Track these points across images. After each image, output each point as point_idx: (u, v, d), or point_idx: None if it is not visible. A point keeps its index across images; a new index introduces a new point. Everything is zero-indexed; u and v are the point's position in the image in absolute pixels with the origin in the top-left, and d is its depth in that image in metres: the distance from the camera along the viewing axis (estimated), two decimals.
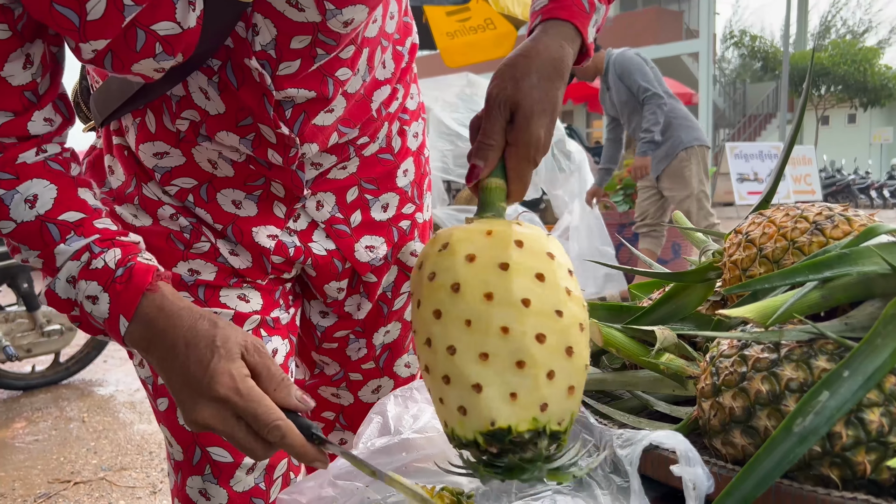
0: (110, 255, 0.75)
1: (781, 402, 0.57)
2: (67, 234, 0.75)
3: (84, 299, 0.74)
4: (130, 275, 0.74)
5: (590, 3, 0.80)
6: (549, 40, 0.76)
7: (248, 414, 0.66)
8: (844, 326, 0.60)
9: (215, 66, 0.78)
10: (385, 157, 1.00)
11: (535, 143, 0.70)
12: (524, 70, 0.72)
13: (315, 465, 0.68)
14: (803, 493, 0.53)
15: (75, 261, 0.74)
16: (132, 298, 0.73)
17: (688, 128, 4.48)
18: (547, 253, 0.59)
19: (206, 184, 0.89)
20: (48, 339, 3.91)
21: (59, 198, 0.76)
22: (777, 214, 0.76)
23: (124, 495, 2.64)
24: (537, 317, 0.56)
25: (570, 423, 0.57)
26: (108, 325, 0.74)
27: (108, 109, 0.85)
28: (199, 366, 0.68)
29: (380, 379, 1.12)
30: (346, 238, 0.97)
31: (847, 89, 24.25)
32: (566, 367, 0.56)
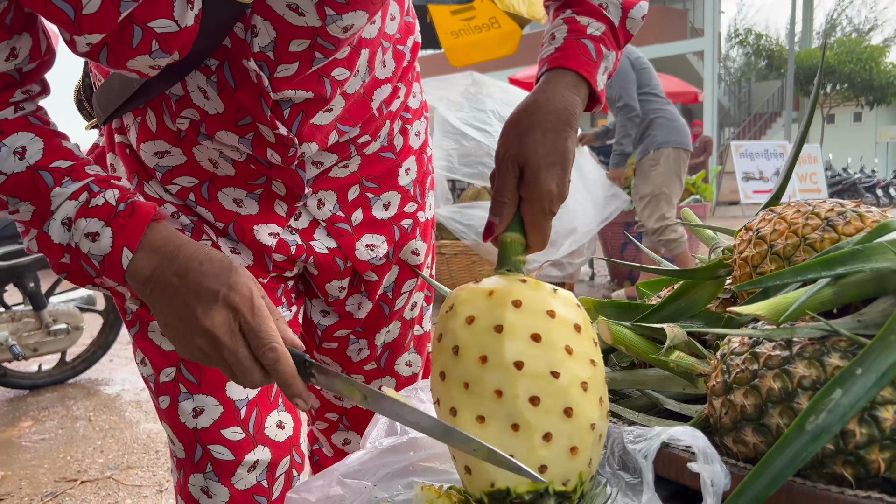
0: (110, 194, 0.75)
1: (794, 399, 0.56)
2: (62, 179, 0.74)
3: (82, 238, 0.74)
4: (133, 209, 0.74)
5: (597, 50, 0.80)
6: (551, 91, 0.77)
7: (252, 329, 0.68)
8: (857, 323, 0.59)
9: (213, 65, 0.77)
10: (387, 155, 0.99)
11: (548, 196, 0.71)
12: (527, 125, 0.74)
13: (296, 402, 0.68)
14: (816, 491, 0.53)
15: (73, 200, 0.74)
16: (137, 229, 0.73)
17: (668, 129, 4.52)
18: (547, 311, 0.58)
19: (206, 182, 0.89)
20: (54, 339, 3.91)
21: (46, 148, 0.75)
22: (788, 211, 0.75)
23: (131, 494, 2.64)
24: (531, 379, 0.56)
25: (579, 482, 0.57)
26: (108, 261, 0.73)
27: (110, 107, 0.85)
28: (216, 278, 0.69)
29: (381, 379, 1.12)
30: (348, 236, 0.97)
31: (853, 88, 24.17)
32: (564, 429, 0.56)
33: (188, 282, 0.70)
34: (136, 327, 0.92)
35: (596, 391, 0.58)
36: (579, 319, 0.60)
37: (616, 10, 0.83)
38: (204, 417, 0.89)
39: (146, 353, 0.92)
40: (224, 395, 0.90)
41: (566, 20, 0.82)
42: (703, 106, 18.62)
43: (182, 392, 0.90)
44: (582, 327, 0.60)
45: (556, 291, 0.61)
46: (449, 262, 5.21)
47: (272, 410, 0.93)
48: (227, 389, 0.90)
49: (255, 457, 0.90)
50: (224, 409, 0.90)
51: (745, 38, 27.82)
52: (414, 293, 1.10)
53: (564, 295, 0.61)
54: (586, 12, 0.82)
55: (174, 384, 0.90)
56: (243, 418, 0.90)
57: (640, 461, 0.56)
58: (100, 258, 0.73)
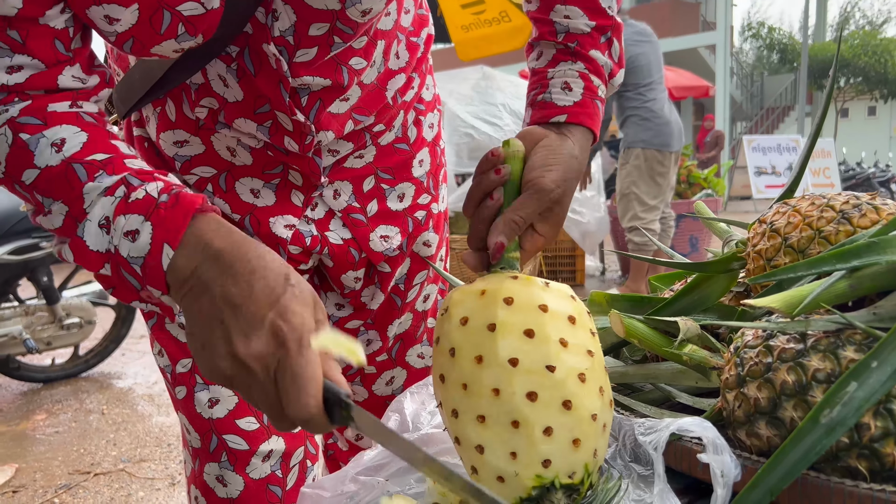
0: (152, 186, 0.65)
1: (808, 392, 0.56)
2: (96, 173, 0.65)
3: (121, 240, 0.63)
4: (178, 199, 0.64)
5: (600, 110, 0.85)
6: (581, 145, 0.80)
7: (290, 373, 0.56)
8: (873, 316, 0.59)
9: (233, 52, 0.78)
10: (401, 146, 1.00)
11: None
12: (574, 172, 0.76)
13: None
14: (830, 485, 0.53)
15: (109, 196, 0.64)
16: (180, 221, 0.62)
17: (640, 128, 4.51)
18: (539, 306, 0.58)
19: (224, 172, 0.90)
20: (67, 333, 3.95)
21: (88, 142, 0.67)
22: (802, 204, 0.74)
23: (143, 486, 2.66)
24: (526, 375, 0.56)
25: (585, 474, 0.57)
26: (149, 262, 0.62)
27: (130, 101, 0.85)
28: (266, 298, 0.58)
29: (393, 370, 1.12)
30: (362, 227, 0.97)
31: (867, 81, 23.96)
32: (565, 422, 0.56)
33: (230, 293, 0.58)
34: (153, 319, 0.93)
35: (595, 381, 0.58)
36: (573, 311, 0.60)
37: (608, 70, 0.87)
38: (219, 408, 0.90)
39: (163, 344, 0.93)
40: None
41: (581, 76, 0.84)
42: (716, 100, 18.52)
43: (198, 382, 0.91)
44: (577, 318, 0.59)
45: (549, 285, 0.61)
46: (458, 255, 5.21)
47: None
48: None
49: (269, 447, 0.91)
50: (239, 399, 0.91)
51: (757, 31, 27.63)
52: (426, 285, 1.10)
53: (557, 288, 0.61)
54: (596, 72, 0.85)
55: (190, 375, 0.91)
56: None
57: (651, 452, 0.56)
58: (140, 260, 0.63)
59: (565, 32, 0.86)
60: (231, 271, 0.59)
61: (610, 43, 0.87)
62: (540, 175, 0.72)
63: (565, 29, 0.86)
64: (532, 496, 0.56)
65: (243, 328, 0.57)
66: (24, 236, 3.64)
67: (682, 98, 16.59)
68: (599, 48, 0.85)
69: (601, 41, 0.86)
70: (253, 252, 0.61)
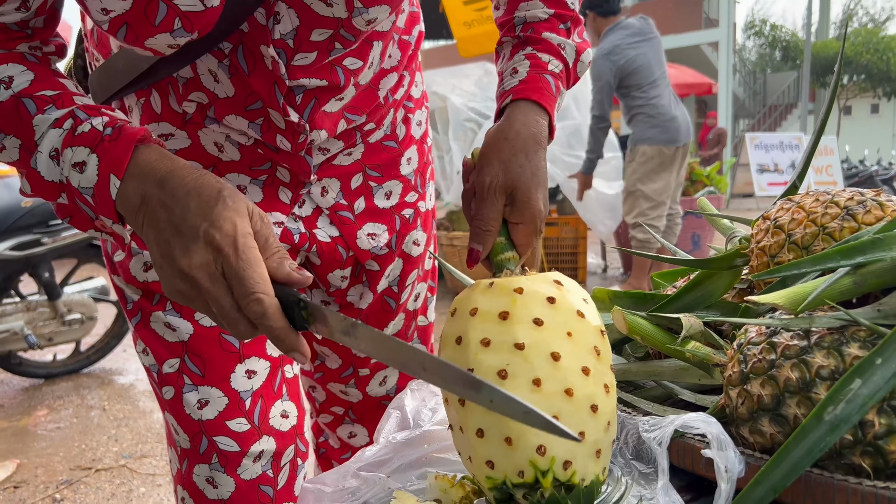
0: (97, 120, 0.68)
1: (812, 389, 0.56)
2: (45, 106, 0.68)
3: (70, 171, 0.66)
4: (120, 132, 0.66)
5: (556, 86, 0.86)
6: (524, 117, 0.80)
7: (235, 274, 0.59)
8: (877, 313, 0.58)
9: (226, 49, 0.77)
10: (389, 144, 1.00)
11: (539, 216, 0.75)
12: (510, 152, 0.76)
13: (293, 355, 0.60)
14: (834, 482, 0.52)
15: (57, 129, 0.67)
16: (123, 151, 0.65)
17: (646, 125, 4.56)
18: (533, 320, 0.57)
19: (211, 168, 0.89)
20: (69, 329, 3.95)
21: (35, 79, 0.69)
22: (807, 200, 0.74)
23: (145, 482, 2.66)
24: (536, 360, 0.56)
25: (573, 473, 0.55)
26: (98, 194, 0.66)
27: (111, 89, 0.84)
28: (200, 212, 0.61)
29: (386, 370, 1.12)
30: (350, 225, 0.97)
31: (870, 79, 23.91)
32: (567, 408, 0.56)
33: (172, 214, 0.62)
34: (137, 317, 0.92)
35: (600, 377, 0.58)
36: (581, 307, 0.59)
37: (571, 51, 0.89)
38: (209, 409, 0.89)
39: (147, 343, 0.91)
40: (229, 386, 0.90)
41: (528, 56, 0.86)
42: (718, 97, 18.49)
43: (186, 383, 0.90)
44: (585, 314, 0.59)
45: (561, 284, 0.60)
46: (461, 253, 5.20)
47: (276, 400, 0.93)
48: (231, 381, 0.90)
49: (260, 447, 0.91)
50: (229, 400, 0.90)
51: (760, 28, 27.58)
52: (417, 284, 1.10)
53: (544, 291, 0.60)
54: (546, 50, 0.87)
55: (178, 375, 0.90)
56: (248, 409, 0.90)
57: (655, 448, 0.56)
58: (90, 191, 0.66)
59: (522, 23, 0.89)
60: (172, 195, 0.63)
61: (570, 31, 0.89)
62: (477, 174, 0.75)
63: (522, 20, 0.89)
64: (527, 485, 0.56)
65: (184, 244, 0.61)
66: (25, 232, 3.64)
67: (685, 95, 16.56)
68: (557, 32, 0.88)
69: (560, 27, 0.88)
70: (190, 175, 0.64)
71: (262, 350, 0.93)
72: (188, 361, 0.90)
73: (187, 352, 0.90)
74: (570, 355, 0.56)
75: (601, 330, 0.59)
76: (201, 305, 0.62)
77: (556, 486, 0.55)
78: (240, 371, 0.91)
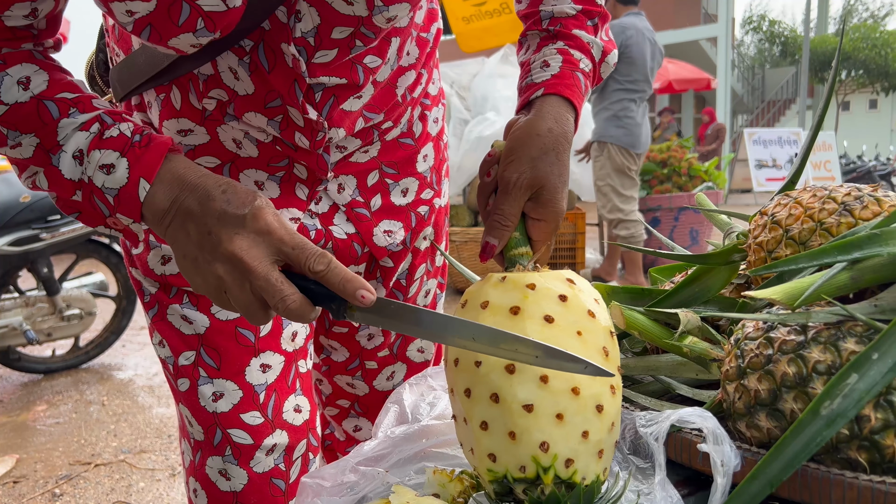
0: (125, 126, 0.72)
1: (808, 384, 0.56)
2: (69, 109, 0.71)
3: (96, 171, 0.70)
4: (150, 139, 0.71)
5: (585, 85, 0.85)
6: (556, 114, 0.79)
7: (293, 243, 0.64)
8: (874, 308, 0.59)
9: (247, 46, 0.77)
10: (406, 141, 1.00)
11: (561, 215, 0.74)
12: (540, 150, 0.75)
13: (361, 294, 0.62)
14: (830, 476, 0.53)
15: (84, 132, 0.71)
16: (155, 159, 0.70)
17: (614, 125, 4.72)
18: (544, 317, 0.57)
19: (228, 163, 0.89)
20: (68, 324, 3.95)
21: (50, 80, 0.72)
22: (804, 196, 0.74)
23: (144, 477, 2.67)
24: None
25: (573, 471, 0.56)
26: (124, 194, 0.70)
27: (131, 84, 0.84)
28: (241, 205, 0.66)
29: (394, 365, 1.12)
30: (366, 222, 0.97)
31: (868, 74, 23.91)
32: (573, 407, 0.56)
33: (210, 208, 0.66)
34: (154, 309, 0.93)
35: (607, 378, 0.58)
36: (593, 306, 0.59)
37: (598, 50, 0.88)
38: (223, 402, 0.90)
39: (164, 335, 0.92)
40: (244, 379, 0.91)
41: (560, 51, 0.85)
42: (717, 93, 18.47)
43: (202, 376, 0.91)
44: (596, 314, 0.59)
45: (573, 283, 0.60)
46: (459, 249, 5.21)
47: (290, 395, 0.94)
48: (246, 374, 0.91)
49: (273, 441, 0.91)
50: (244, 393, 0.91)
51: (759, 24, 27.56)
52: (427, 280, 1.10)
53: (581, 284, 0.61)
54: (578, 48, 0.86)
55: (194, 368, 0.91)
56: (262, 403, 0.91)
57: (652, 443, 0.56)
58: (115, 192, 0.70)
59: (549, 17, 0.87)
60: (208, 195, 0.67)
61: (597, 28, 0.88)
62: (503, 169, 0.74)
63: (549, 14, 0.87)
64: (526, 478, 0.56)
65: (227, 231, 0.65)
66: (24, 227, 3.64)
67: (684, 91, 16.56)
68: (585, 29, 0.87)
69: (587, 24, 0.87)
70: (222, 178, 0.69)
71: (277, 344, 0.94)
72: (204, 354, 0.90)
73: (203, 345, 0.90)
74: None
75: (611, 331, 0.60)
76: (237, 291, 0.65)
77: (557, 484, 0.55)
78: (255, 365, 0.91)
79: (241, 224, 0.65)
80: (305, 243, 0.64)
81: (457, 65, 5.96)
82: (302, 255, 0.64)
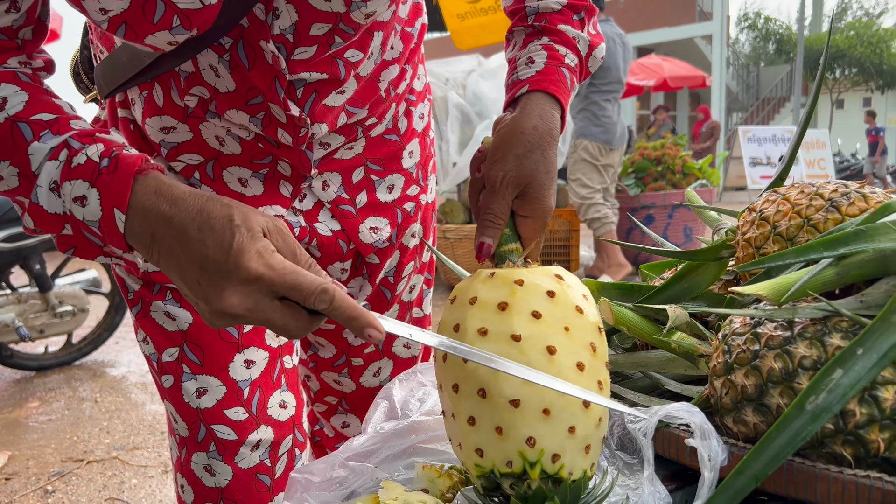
0: (92, 150, 0.67)
1: (794, 379, 0.56)
2: (41, 132, 0.67)
3: (72, 205, 0.66)
4: (117, 163, 0.65)
5: (571, 80, 0.85)
6: (540, 111, 0.79)
7: (286, 285, 0.59)
8: (859, 304, 0.59)
9: (227, 44, 0.77)
10: (391, 137, 0.99)
11: (549, 211, 0.74)
12: (525, 147, 0.75)
13: (368, 332, 0.59)
14: (816, 471, 0.53)
15: (53, 160, 0.66)
16: (123, 185, 0.64)
17: (592, 123, 5.13)
18: (532, 312, 0.57)
19: (212, 161, 0.89)
20: (60, 321, 3.94)
21: (30, 101, 0.68)
22: (792, 192, 0.74)
23: (136, 474, 2.67)
24: (532, 352, 0.56)
25: (561, 465, 0.56)
26: (104, 227, 0.65)
27: (115, 82, 0.84)
28: (220, 249, 0.60)
29: (380, 361, 1.12)
30: (352, 219, 0.97)
31: (863, 72, 23.97)
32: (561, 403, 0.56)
33: (191, 255, 0.61)
34: (137, 306, 0.92)
35: (595, 374, 0.58)
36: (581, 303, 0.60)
37: (585, 45, 0.88)
38: (207, 398, 0.90)
39: (148, 332, 0.92)
40: (227, 375, 0.90)
41: (545, 47, 0.85)
42: (711, 90, 18.51)
43: (185, 372, 0.90)
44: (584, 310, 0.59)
45: (562, 279, 0.60)
46: (453, 246, 5.21)
47: (275, 390, 0.94)
48: (230, 370, 0.91)
49: (258, 436, 0.91)
50: (227, 389, 0.90)
51: (754, 21, 27.60)
52: (413, 276, 1.10)
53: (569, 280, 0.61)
54: (563, 43, 0.86)
55: (177, 364, 0.91)
56: (246, 399, 0.91)
57: (640, 439, 0.56)
58: (96, 224, 0.65)
59: (535, 13, 0.87)
60: (184, 234, 0.61)
61: (584, 22, 0.88)
62: (489, 167, 0.74)
63: (535, 10, 0.88)
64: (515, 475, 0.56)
65: (213, 290, 0.60)
66: (16, 224, 3.63)
67: (678, 88, 16.56)
68: (571, 24, 0.87)
69: (573, 18, 0.87)
70: (195, 206, 0.63)
71: (261, 340, 0.93)
72: (187, 350, 0.90)
73: (186, 341, 0.90)
74: (566, 350, 0.56)
75: (599, 327, 0.60)
76: (250, 323, 0.62)
77: (544, 479, 0.55)
78: (238, 361, 0.91)
79: (225, 276, 0.59)
80: (300, 283, 0.59)
81: (450, 61, 5.95)
82: (299, 296, 0.59)
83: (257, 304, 0.59)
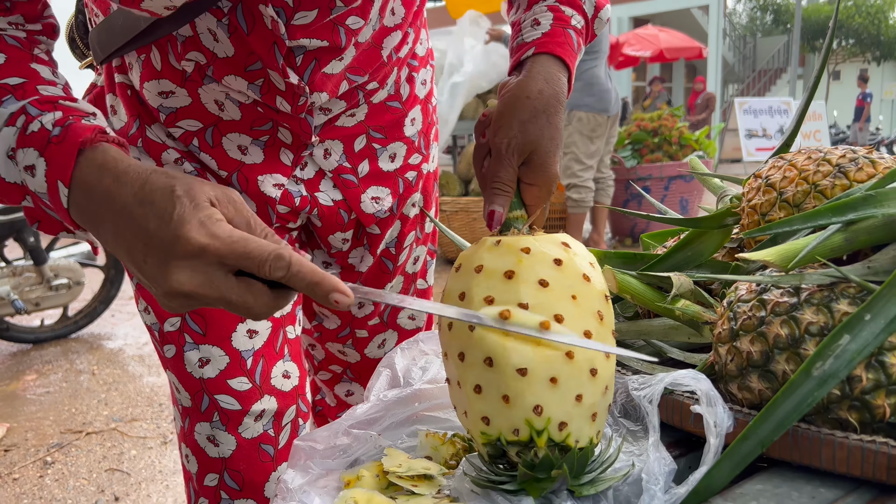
0: (48, 118, 0.63)
1: (801, 346, 0.56)
2: (4, 97, 0.63)
3: (24, 175, 0.62)
4: (66, 133, 0.61)
5: (577, 42, 0.82)
6: (546, 74, 0.77)
7: (235, 255, 0.54)
8: (867, 270, 0.58)
9: (225, 7, 0.75)
10: (393, 104, 0.98)
11: (554, 179, 0.73)
12: (530, 113, 0.73)
13: (334, 297, 0.54)
14: (821, 436, 0.53)
15: (11, 126, 0.62)
16: (67, 157, 0.60)
17: (585, 94, 4.95)
18: (539, 280, 0.56)
19: (211, 127, 0.87)
20: (56, 294, 3.93)
21: (5, 65, 0.65)
22: (799, 158, 0.74)
23: (136, 445, 2.68)
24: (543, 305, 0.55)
25: (567, 433, 0.56)
26: (52, 200, 0.61)
27: (111, 46, 0.82)
28: (161, 222, 0.55)
29: (384, 333, 1.12)
30: (354, 188, 0.96)
31: (860, 43, 23.83)
32: (567, 370, 0.56)
33: (134, 232, 0.57)
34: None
35: (602, 342, 0.58)
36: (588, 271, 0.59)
37: (591, 6, 0.86)
38: (210, 367, 0.90)
39: (149, 301, 0.91)
40: (230, 345, 0.90)
41: (550, 8, 0.83)
42: (708, 62, 18.39)
43: (188, 342, 0.90)
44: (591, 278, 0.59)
45: (568, 247, 0.60)
46: (450, 218, 5.20)
47: (278, 360, 0.94)
48: (232, 340, 0.90)
49: (261, 406, 0.91)
50: (230, 359, 0.90)
51: None
52: (416, 247, 1.09)
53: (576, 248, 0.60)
54: (569, 4, 0.84)
55: (179, 334, 0.90)
56: (249, 368, 0.91)
57: (645, 406, 0.56)
58: (46, 197, 0.61)
59: None
60: (127, 212, 0.58)
61: None
62: (493, 134, 0.73)
63: None
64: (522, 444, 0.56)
65: (159, 270, 0.56)
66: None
67: (675, 60, 16.46)
68: None
69: None
70: (137, 181, 0.59)
71: None
72: (189, 320, 0.90)
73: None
74: (573, 318, 0.56)
75: (606, 295, 0.59)
76: (208, 304, 0.58)
77: (551, 447, 0.55)
78: (241, 330, 0.91)
79: (169, 251, 0.55)
80: (250, 251, 0.54)
81: (448, 30, 5.89)
82: (252, 266, 0.55)
83: (209, 279, 0.55)
